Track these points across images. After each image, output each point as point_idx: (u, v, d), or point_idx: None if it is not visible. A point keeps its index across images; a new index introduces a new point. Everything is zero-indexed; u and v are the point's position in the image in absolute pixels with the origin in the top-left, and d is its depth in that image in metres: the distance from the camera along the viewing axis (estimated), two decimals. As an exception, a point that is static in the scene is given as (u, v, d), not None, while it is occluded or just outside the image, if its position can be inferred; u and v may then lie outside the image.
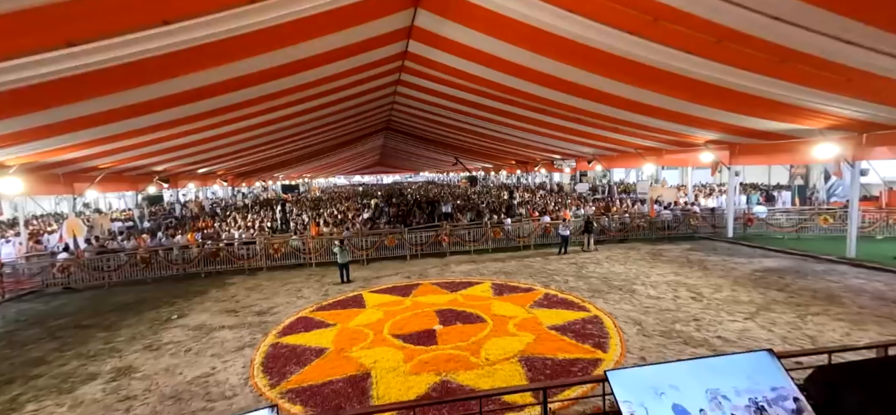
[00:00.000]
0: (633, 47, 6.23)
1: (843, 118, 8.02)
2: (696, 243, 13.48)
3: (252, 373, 5.76)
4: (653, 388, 1.51)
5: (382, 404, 2.20)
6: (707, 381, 1.53)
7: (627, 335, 6.28)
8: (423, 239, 13.53)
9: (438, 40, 7.76)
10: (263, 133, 12.60)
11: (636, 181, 24.99)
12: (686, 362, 1.58)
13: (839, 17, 4.43)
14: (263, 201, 29.18)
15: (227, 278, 11.78)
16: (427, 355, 6.00)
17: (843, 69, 5.62)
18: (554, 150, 19.25)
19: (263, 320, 7.94)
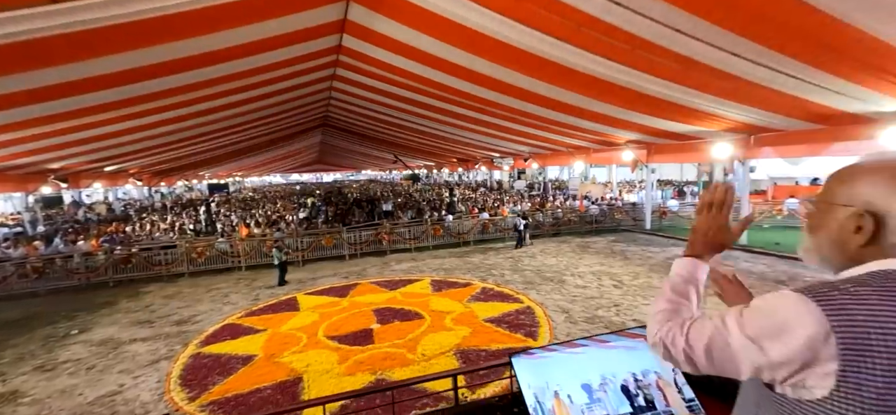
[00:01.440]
0: (560, 52, 6.58)
1: (735, 122, 9.12)
2: (620, 235, 14.62)
3: (167, 387, 5.29)
4: (551, 368, 1.62)
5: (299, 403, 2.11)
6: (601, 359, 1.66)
7: (556, 323, 6.66)
8: (362, 238, 13.27)
9: (373, 36, 7.64)
10: (185, 127, 11.56)
11: (568, 178, 26.50)
12: (580, 342, 1.70)
13: (729, 33, 5.03)
14: (186, 202, 26.86)
15: (142, 287, 10.69)
16: (363, 354, 5.91)
17: (733, 79, 6.39)
18: (493, 148, 19.81)
19: (183, 330, 7.32)
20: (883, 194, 0.74)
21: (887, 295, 0.70)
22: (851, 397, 0.68)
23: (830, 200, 0.81)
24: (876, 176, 0.76)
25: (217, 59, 6.92)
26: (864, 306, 0.69)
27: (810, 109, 7.19)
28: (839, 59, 5.22)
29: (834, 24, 4.39)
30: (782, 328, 0.72)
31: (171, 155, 16.36)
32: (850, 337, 0.68)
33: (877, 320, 0.68)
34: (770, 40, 5.10)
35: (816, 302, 0.71)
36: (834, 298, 0.71)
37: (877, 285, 0.71)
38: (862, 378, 0.68)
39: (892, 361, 0.66)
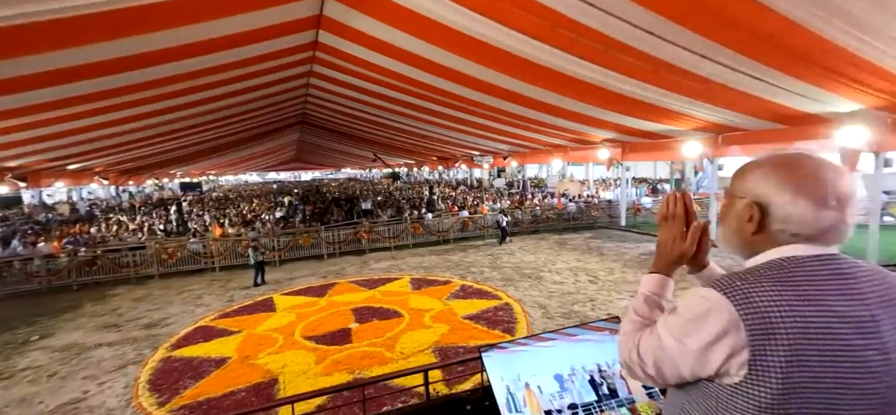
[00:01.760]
0: (537, 51, 6.66)
1: (704, 121, 9.44)
2: (596, 232, 14.94)
3: (135, 393, 5.10)
4: (522, 362, 1.65)
5: (269, 403, 2.08)
6: (569, 351, 1.69)
7: (533, 319, 6.76)
8: (341, 237, 13.12)
9: (350, 32, 7.55)
10: (154, 124, 11.13)
11: (547, 176, 26.88)
12: (549, 335, 1.73)
13: (699, 36, 5.20)
14: (156, 202, 25.94)
15: (108, 289, 10.26)
16: (341, 354, 5.85)
17: (703, 80, 6.61)
18: (473, 146, 19.88)
19: (153, 334, 7.07)
20: (766, 187, 0.83)
21: (783, 281, 0.77)
22: (761, 378, 0.74)
23: (731, 192, 0.90)
24: (761, 170, 0.85)
25: (187, 53, 6.70)
26: (765, 294, 0.76)
27: (774, 109, 7.51)
28: (800, 62, 5.47)
29: (796, 29, 4.59)
30: (699, 323, 0.79)
31: (139, 153, 15.74)
32: (755, 323, 0.74)
33: (776, 305, 0.74)
34: (737, 44, 5.30)
35: (724, 294, 0.77)
36: (738, 288, 0.77)
37: (773, 274, 0.79)
38: (767, 360, 0.73)
39: (790, 340, 0.73)
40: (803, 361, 0.72)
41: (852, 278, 0.78)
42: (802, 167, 0.81)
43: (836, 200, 0.78)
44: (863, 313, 0.75)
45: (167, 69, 7.15)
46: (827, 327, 0.73)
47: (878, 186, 8.72)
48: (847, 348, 0.73)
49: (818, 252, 0.80)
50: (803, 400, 0.72)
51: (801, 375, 0.72)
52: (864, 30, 4.43)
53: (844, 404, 0.73)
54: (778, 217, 0.81)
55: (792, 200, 0.80)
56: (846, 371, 0.72)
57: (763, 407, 0.74)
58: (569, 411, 1.52)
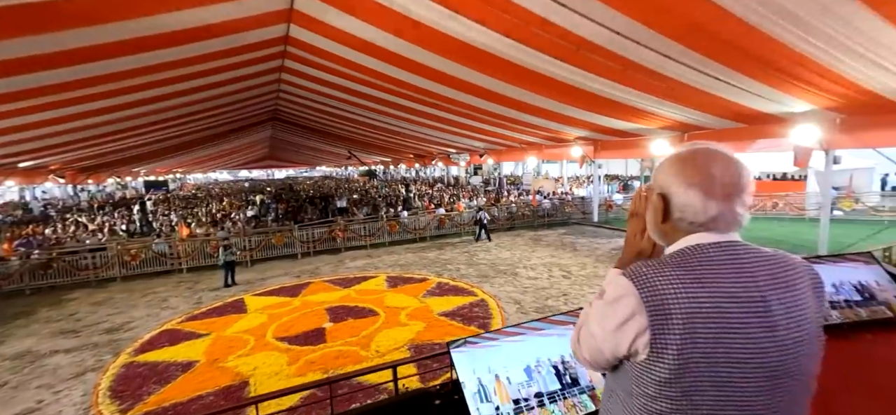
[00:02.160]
0: (509, 49, 6.72)
1: (671, 120, 9.79)
2: (570, 228, 15.26)
3: (95, 400, 4.87)
4: (493, 355, 1.67)
5: (232, 404, 2.04)
6: (536, 344, 1.73)
7: (508, 314, 6.84)
8: (315, 236, 12.89)
9: (324, 27, 7.40)
10: (115, 119, 10.59)
11: (522, 174, 27.24)
12: (516, 329, 1.76)
13: (664, 38, 5.38)
14: (118, 201, 24.76)
15: (65, 294, 9.72)
16: (314, 354, 5.75)
17: (669, 80, 6.85)
18: (449, 144, 19.90)
19: (115, 339, 6.76)
20: (666, 179, 0.91)
21: (681, 266, 0.84)
22: (660, 355, 0.81)
23: (649, 186, 0.98)
24: (666, 164, 0.93)
25: (149, 45, 6.41)
26: (664, 279, 0.83)
27: (734, 109, 7.86)
28: (758, 65, 5.75)
29: (753, 33, 4.82)
30: (613, 308, 0.86)
31: (98, 150, 14.96)
32: (654, 305, 0.81)
33: (672, 288, 0.81)
34: (700, 47, 5.51)
35: (630, 280, 0.85)
36: (642, 275, 0.85)
37: (676, 261, 0.86)
38: (665, 338, 0.80)
39: (684, 320, 0.79)
40: (696, 338, 0.79)
41: (747, 262, 0.85)
42: (695, 161, 0.88)
43: (722, 191, 0.85)
44: (753, 294, 0.81)
45: (128, 62, 6.82)
46: (717, 307, 0.80)
47: (827, 182, 9.26)
48: (737, 326, 0.79)
49: (718, 240, 0.87)
50: (697, 374, 0.79)
51: (693, 350, 0.79)
52: (814, 35, 4.69)
53: (737, 378, 0.79)
54: (676, 206, 0.89)
55: (685, 191, 0.87)
56: (736, 347, 0.79)
57: (662, 382, 0.81)
58: (535, 400, 1.55)
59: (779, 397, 0.82)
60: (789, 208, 15.36)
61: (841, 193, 14.46)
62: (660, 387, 0.82)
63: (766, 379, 0.81)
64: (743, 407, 0.81)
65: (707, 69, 6.08)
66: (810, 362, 0.86)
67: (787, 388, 0.83)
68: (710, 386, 0.80)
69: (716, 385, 0.79)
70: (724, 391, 0.80)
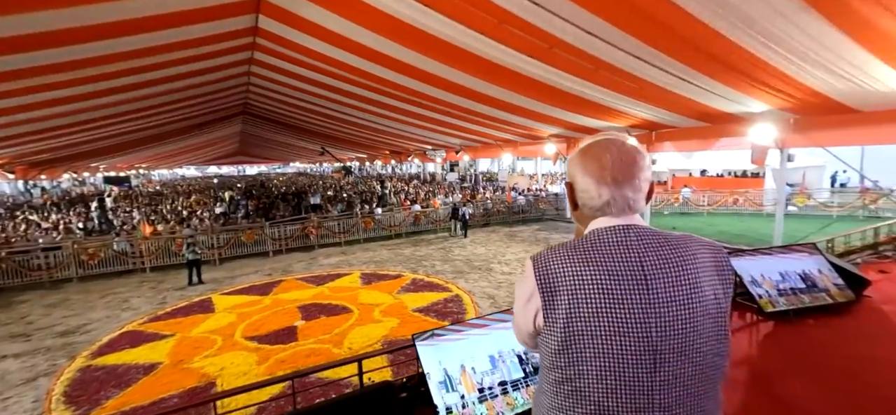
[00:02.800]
0: (484, 46, 6.76)
1: (640, 118, 10.10)
2: (544, 224, 15.52)
3: (47, 407, 4.61)
4: (457, 348, 1.68)
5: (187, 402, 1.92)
6: (500, 336, 1.75)
7: (482, 309, 6.91)
8: (287, 233, 12.60)
9: (293, 18, 7.23)
10: (70, 111, 9.99)
11: (498, 171, 27.49)
12: (481, 321, 1.78)
13: (633, 39, 5.53)
14: (75, 197, 23.46)
15: (15, 296, 9.14)
16: (285, 353, 5.64)
17: (637, 80, 7.05)
18: (426, 140, 19.86)
19: (70, 342, 6.41)
20: (571, 168, 1.00)
21: (575, 248, 0.92)
22: (551, 328, 0.90)
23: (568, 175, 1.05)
24: (572, 155, 1.01)
25: (111, 32, 6.07)
26: (556, 260, 0.91)
27: (698, 108, 8.18)
28: (720, 67, 5.99)
29: (715, 37, 5.02)
30: (522, 286, 0.97)
31: (52, 143, 14.10)
32: (546, 283, 0.90)
33: (561, 268, 0.89)
34: (667, 48, 5.70)
35: (532, 261, 0.94)
36: (542, 257, 0.93)
37: (574, 244, 0.94)
38: (554, 313, 0.89)
39: (569, 296, 0.87)
40: (580, 312, 0.86)
41: (635, 243, 0.90)
42: (591, 151, 0.96)
43: (612, 177, 0.92)
44: (635, 273, 0.87)
45: (85, 49, 6.44)
46: (599, 283, 0.86)
47: (782, 179, 9.79)
48: (617, 302, 0.85)
49: (614, 223, 0.93)
50: (581, 345, 0.86)
51: (576, 323, 0.86)
52: (771, 39, 4.93)
53: (617, 350, 0.85)
54: (577, 191, 0.97)
55: (582, 179, 0.95)
56: (616, 321, 0.85)
57: (554, 352, 0.89)
58: (499, 388, 1.58)
59: (665, 374, 0.85)
60: (748, 204, 16.15)
61: (795, 189, 15.31)
62: (553, 357, 0.90)
63: (650, 354, 0.85)
64: (627, 380, 0.85)
65: (674, 70, 6.30)
66: (706, 342, 0.87)
67: (676, 367, 0.85)
68: (592, 356, 0.86)
69: (598, 356, 0.85)
70: (607, 362, 0.85)
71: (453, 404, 1.52)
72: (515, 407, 1.57)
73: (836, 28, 4.47)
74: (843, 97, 6.56)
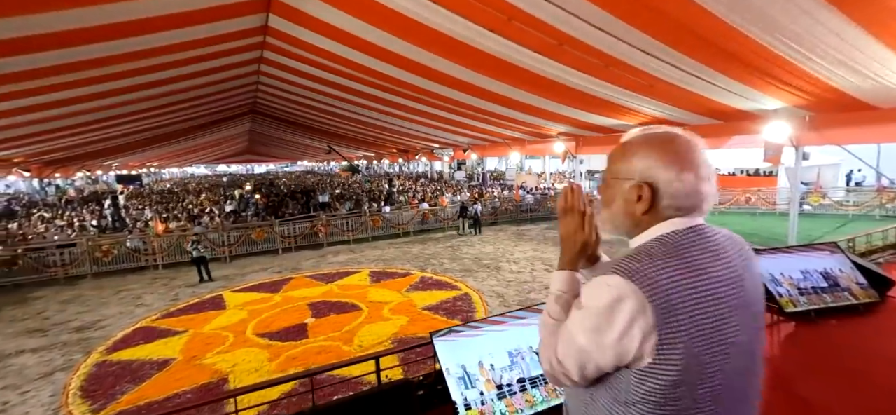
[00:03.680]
0: (494, 44, 6.73)
1: (650, 116, 9.98)
2: (553, 223, 15.44)
3: (65, 400, 4.69)
4: (475, 345, 1.68)
5: (210, 398, 1.98)
6: (518, 333, 1.75)
7: (491, 308, 6.89)
8: (297, 231, 12.68)
9: (303, 17, 7.26)
10: (84, 110, 10.15)
11: (506, 169, 27.41)
12: (501, 319, 1.77)
13: (645, 34, 5.47)
14: (88, 195, 23.84)
15: (32, 291, 9.32)
16: (296, 350, 5.68)
17: (649, 77, 6.97)
18: (433, 139, 19.84)
19: (85, 337, 6.52)
20: (652, 166, 0.84)
21: (671, 256, 0.79)
22: (667, 356, 0.75)
23: (614, 175, 0.91)
24: (644, 151, 0.86)
25: (123, 31, 6.15)
26: (661, 272, 0.77)
27: (710, 106, 8.07)
28: (734, 63, 5.90)
29: (730, 32, 4.95)
30: (610, 313, 0.77)
31: (66, 142, 14.33)
32: (659, 302, 0.75)
33: (672, 281, 0.76)
34: (679, 44, 5.62)
35: (627, 279, 0.77)
36: (638, 271, 0.77)
37: (662, 251, 0.81)
38: (674, 337, 0.74)
39: (689, 314, 0.75)
40: (701, 330, 0.75)
41: (719, 244, 0.84)
42: (679, 145, 0.85)
43: (707, 174, 0.84)
44: (733, 274, 0.81)
45: (98, 49, 6.53)
46: (713, 293, 0.77)
47: (797, 178, 9.63)
48: (730, 310, 0.78)
49: (691, 224, 0.84)
50: (702, 368, 0.75)
51: (699, 343, 0.75)
52: (787, 35, 4.84)
53: (732, 362, 0.78)
54: (667, 194, 0.83)
55: (678, 177, 0.82)
56: (730, 330, 0.77)
57: (667, 385, 0.75)
58: (518, 385, 1.57)
59: (754, 375, 0.83)
60: (761, 203, 15.91)
61: (809, 188, 15.05)
62: (664, 391, 0.75)
63: (750, 358, 0.81)
64: (736, 391, 0.79)
65: (686, 66, 6.22)
66: (763, 340, 0.87)
67: (759, 366, 0.85)
68: (710, 375, 0.76)
69: (715, 374, 0.76)
70: (725, 379, 0.77)
71: (472, 400, 1.52)
72: (535, 405, 1.56)
73: (854, 23, 4.38)
74: (861, 93, 6.43)
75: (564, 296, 0.96)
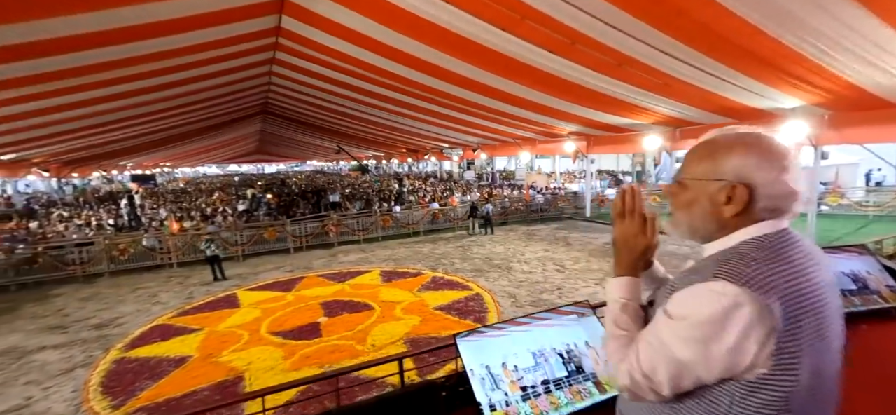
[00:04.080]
0: (505, 43, 6.71)
1: (663, 115, 9.88)
2: (563, 223, 15.35)
3: (86, 396, 4.79)
4: (499, 345, 1.67)
5: (239, 396, 2.03)
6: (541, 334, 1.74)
7: (503, 308, 6.87)
8: (308, 230, 12.79)
9: (316, 18, 7.31)
10: (101, 111, 10.36)
11: (515, 168, 27.31)
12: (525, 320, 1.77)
13: (659, 32, 5.41)
14: (105, 195, 24.31)
15: (52, 289, 9.53)
16: (310, 348, 5.72)
17: (663, 75, 6.89)
18: (443, 138, 19.86)
19: (104, 334, 6.65)
20: (751, 166, 0.80)
21: (776, 260, 0.75)
22: (787, 365, 0.70)
23: (695, 176, 0.87)
24: (741, 151, 0.81)
25: (136, 35, 6.26)
26: (775, 276, 0.72)
27: (725, 104, 7.95)
28: (750, 60, 5.81)
29: (747, 28, 4.86)
30: (722, 322, 0.71)
31: (83, 143, 14.64)
32: (778, 308, 0.70)
33: (787, 285, 0.72)
34: (694, 42, 5.55)
35: (741, 285, 0.72)
36: (751, 276, 0.72)
37: (765, 255, 0.76)
38: (794, 345, 0.71)
39: (806, 320, 0.72)
40: (816, 336, 0.73)
41: (809, 246, 0.82)
42: (777, 145, 0.82)
43: (800, 175, 0.82)
44: (828, 277, 0.79)
45: (115, 51, 6.66)
46: (819, 297, 0.74)
47: (815, 178, 9.43)
48: (832, 313, 0.76)
49: (781, 226, 0.81)
50: (816, 373, 0.72)
51: (817, 349, 0.72)
52: (808, 32, 4.75)
53: (835, 367, 0.76)
54: (765, 195, 0.79)
55: (778, 178, 0.79)
56: (833, 335, 0.76)
57: (784, 396, 0.71)
58: (542, 387, 1.56)
59: (838, 381, 0.81)
60: (777, 203, 15.59)
61: (828, 188, 14.74)
62: (779, 402, 0.71)
63: (840, 364, 0.78)
64: (833, 398, 0.77)
65: (701, 64, 6.13)
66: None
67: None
68: (826, 382, 0.74)
69: (831, 380, 0.74)
70: (831, 386, 0.75)
71: (497, 401, 1.51)
72: (560, 407, 1.55)
73: (877, 18, 4.27)
74: (882, 91, 6.28)
75: (632, 304, 0.93)
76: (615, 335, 0.90)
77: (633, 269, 0.96)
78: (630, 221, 0.96)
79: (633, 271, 0.97)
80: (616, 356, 0.87)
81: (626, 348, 0.86)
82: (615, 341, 0.90)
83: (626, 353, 0.85)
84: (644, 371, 0.80)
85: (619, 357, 0.86)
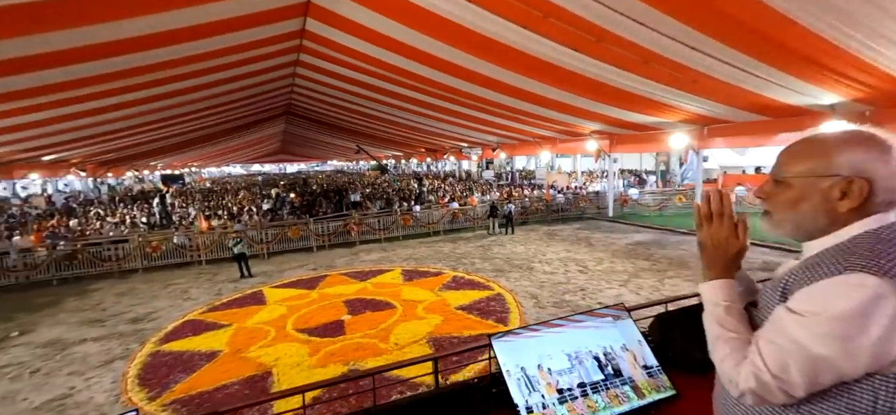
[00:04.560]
0: (528, 41, 6.66)
1: (691, 113, 9.61)
2: (585, 223, 15.12)
3: (124, 388, 5.00)
4: (533, 346, 1.67)
5: (276, 393, 2.08)
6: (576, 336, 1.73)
7: (526, 308, 6.83)
8: (330, 229, 13.00)
9: (339, 20, 7.42)
10: (134, 114, 10.81)
11: (535, 168, 27.05)
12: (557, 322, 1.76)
13: (690, 28, 5.26)
14: (137, 194, 25.30)
15: (90, 284, 9.99)
16: (334, 346, 5.82)
17: (693, 72, 6.71)
18: (462, 138, 19.85)
19: (139, 328, 6.92)
20: (870, 160, 0.81)
21: None
22: None
23: (802, 175, 0.87)
24: (857, 145, 0.83)
25: (168, 40, 6.49)
26: None
27: (759, 101, 7.67)
28: (787, 55, 5.58)
29: (784, 22, 4.68)
30: (866, 315, 0.72)
31: (118, 144, 15.28)
32: None
33: None
34: (727, 37, 5.38)
35: (881, 276, 0.72)
36: (887, 266, 0.73)
37: (891, 243, 0.77)
38: None
39: None
40: None
41: None
42: (888, 140, 0.83)
43: None
44: None
45: (147, 57, 6.93)
46: None
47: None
48: None
49: (892, 218, 0.82)
50: None
51: None
52: (849, 23, 4.54)
53: None
54: (885, 188, 0.81)
55: (895, 172, 0.81)
56: None
57: None
58: (579, 390, 1.55)
59: None
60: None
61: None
62: None
63: None
64: None
65: (734, 60, 5.94)
66: None
67: None
68: None
69: None
70: None
71: (534, 403, 1.51)
72: (597, 411, 1.54)
73: (929, 9, 4.05)
74: (931, 85, 5.94)
75: (735, 306, 0.93)
76: (725, 338, 0.90)
77: (728, 271, 0.96)
78: (718, 225, 0.96)
79: (729, 274, 0.96)
80: (731, 360, 0.87)
81: (741, 350, 0.86)
82: (726, 344, 0.89)
83: (742, 355, 0.85)
84: (773, 372, 0.79)
85: (735, 360, 0.86)
